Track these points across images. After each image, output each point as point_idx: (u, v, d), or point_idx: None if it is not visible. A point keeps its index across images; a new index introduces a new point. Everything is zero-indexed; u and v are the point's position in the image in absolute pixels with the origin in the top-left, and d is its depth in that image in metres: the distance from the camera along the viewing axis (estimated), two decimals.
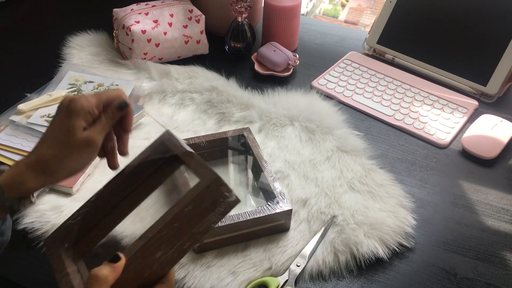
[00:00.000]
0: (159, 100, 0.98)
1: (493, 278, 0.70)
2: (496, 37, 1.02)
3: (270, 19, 1.11)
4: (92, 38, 1.14)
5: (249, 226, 0.71)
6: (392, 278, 0.70)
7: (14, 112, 0.87)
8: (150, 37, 1.03)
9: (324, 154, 0.87)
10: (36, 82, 0.97)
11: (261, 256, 0.71)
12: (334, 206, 0.78)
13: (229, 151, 0.85)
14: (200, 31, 1.10)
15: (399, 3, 1.11)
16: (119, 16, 1.05)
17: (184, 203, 0.51)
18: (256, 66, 1.08)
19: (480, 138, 0.91)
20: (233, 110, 0.95)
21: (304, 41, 1.21)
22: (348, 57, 1.14)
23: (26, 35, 1.19)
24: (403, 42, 1.11)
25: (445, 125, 0.96)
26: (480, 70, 1.03)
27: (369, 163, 0.86)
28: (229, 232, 0.70)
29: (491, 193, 0.84)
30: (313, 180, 0.82)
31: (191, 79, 1.02)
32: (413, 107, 1.00)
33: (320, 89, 1.04)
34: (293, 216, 0.76)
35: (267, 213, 0.70)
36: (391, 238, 0.73)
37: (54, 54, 1.09)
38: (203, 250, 0.71)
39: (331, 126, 0.92)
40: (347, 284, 0.70)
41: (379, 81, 1.06)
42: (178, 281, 0.68)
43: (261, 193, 0.79)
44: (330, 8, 4.40)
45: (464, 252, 0.74)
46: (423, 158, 0.90)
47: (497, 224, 0.78)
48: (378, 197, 0.80)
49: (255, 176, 0.81)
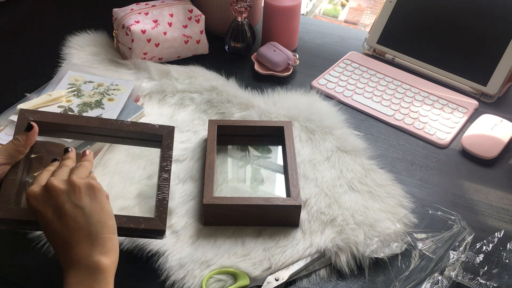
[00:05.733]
0: (159, 100, 0.98)
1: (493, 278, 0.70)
2: (496, 37, 1.01)
3: (270, 19, 1.11)
4: (92, 38, 1.14)
5: (261, 210, 0.74)
6: (392, 278, 0.70)
7: (14, 112, 0.87)
8: (150, 37, 1.03)
9: (324, 154, 0.87)
10: (36, 82, 0.97)
11: (261, 256, 0.71)
12: (334, 206, 0.78)
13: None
14: (200, 31, 1.10)
15: (399, 3, 1.11)
16: (119, 16, 1.05)
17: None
18: (256, 66, 1.08)
19: (480, 138, 0.91)
20: (233, 110, 0.95)
21: (304, 41, 1.21)
22: (348, 57, 1.14)
23: (26, 35, 1.19)
24: (403, 42, 1.11)
25: (445, 125, 0.96)
26: (480, 70, 1.03)
27: (369, 163, 0.86)
28: (240, 210, 0.73)
29: (491, 193, 0.84)
30: (313, 180, 0.82)
31: (191, 79, 1.02)
32: (413, 107, 1.00)
33: (320, 89, 1.04)
34: None
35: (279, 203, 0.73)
36: (391, 238, 0.73)
37: (54, 54, 1.09)
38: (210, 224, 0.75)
39: (331, 126, 0.92)
40: (347, 284, 0.70)
41: (379, 81, 1.06)
42: (178, 281, 0.68)
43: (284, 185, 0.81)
44: (330, 8, 4.40)
45: None
46: (423, 158, 0.90)
47: (497, 224, 0.78)
48: (378, 197, 0.80)
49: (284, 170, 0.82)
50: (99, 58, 1.08)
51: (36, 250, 0.71)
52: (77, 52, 1.09)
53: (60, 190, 0.56)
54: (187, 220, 0.76)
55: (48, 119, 0.69)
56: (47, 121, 0.68)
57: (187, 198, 0.79)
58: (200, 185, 0.81)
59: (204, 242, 0.73)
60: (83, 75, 0.97)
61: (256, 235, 0.74)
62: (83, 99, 0.90)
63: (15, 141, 0.63)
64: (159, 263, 0.70)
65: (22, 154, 0.63)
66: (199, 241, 0.73)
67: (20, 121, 0.66)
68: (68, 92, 0.92)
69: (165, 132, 0.74)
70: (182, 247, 0.72)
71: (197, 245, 0.73)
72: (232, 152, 0.88)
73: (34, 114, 0.68)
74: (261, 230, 0.75)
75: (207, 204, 0.73)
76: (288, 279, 0.69)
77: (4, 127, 0.84)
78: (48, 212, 0.55)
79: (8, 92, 0.98)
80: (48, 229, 0.56)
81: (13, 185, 0.62)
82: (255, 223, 0.75)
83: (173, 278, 0.68)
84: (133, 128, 0.72)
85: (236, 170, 0.84)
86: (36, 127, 0.64)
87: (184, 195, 0.80)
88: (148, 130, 0.73)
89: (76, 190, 0.56)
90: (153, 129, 0.73)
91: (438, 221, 0.75)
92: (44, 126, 0.68)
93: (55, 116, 0.70)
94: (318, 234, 0.74)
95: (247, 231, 0.75)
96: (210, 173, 0.77)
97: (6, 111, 0.88)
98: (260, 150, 0.88)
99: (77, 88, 0.93)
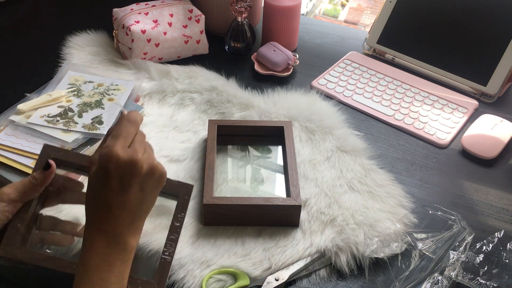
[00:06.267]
0: (159, 100, 0.98)
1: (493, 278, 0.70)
2: (496, 37, 1.01)
3: (270, 19, 1.11)
4: (92, 38, 1.14)
5: (262, 210, 0.73)
6: (393, 278, 0.70)
7: (13, 112, 0.87)
8: (150, 37, 1.03)
9: (324, 154, 0.87)
10: (36, 82, 0.97)
11: (261, 256, 0.71)
12: (334, 206, 0.78)
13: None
14: (200, 31, 1.10)
15: (399, 3, 1.11)
16: (119, 16, 1.05)
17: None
18: (256, 66, 1.08)
19: (480, 138, 0.91)
20: (233, 110, 0.95)
21: (304, 41, 1.21)
22: (348, 57, 1.14)
23: (26, 35, 1.19)
24: (403, 42, 1.11)
25: (445, 125, 0.96)
26: (480, 70, 1.03)
27: (369, 163, 0.86)
28: (241, 210, 0.73)
29: (491, 193, 0.84)
30: (312, 180, 0.82)
31: (191, 79, 1.02)
32: (413, 107, 1.00)
33: (320, 89, 1.04)
34: None
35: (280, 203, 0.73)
36: (391, 238, 0.73)
37: (54, 54, 1.09)
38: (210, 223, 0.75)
39: (331, 126, 0.92)
40: (347, 284, 0.70)
41: (379, 81, 1.06)
42: (178, 281, 0.68)
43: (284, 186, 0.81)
44: (330, 8, 4.40)
45: None
46: (423, 158, 0.90)
47: (497, 224, 0.78)
48: (378, 197, 0.80)
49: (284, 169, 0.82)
50: (99, 58, 1.08)
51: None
52: (77, 52, 1.09)
53: (141, 171, 0.54)
54: (187, 220, 0.76)
55: (70, 159, 0.65)
56: (68, 160, 0.65)
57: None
58: (200, 185, 0.81)
59: (204, 242, 0.73)
60: (83, 75, 0.97)
61: (256, 235, 0.74)
62: (83, 99, 0.90)
63: (32, 180, 0.60)
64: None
65: (37, 192, 0.61)
66: (199, 241, 0.73)
67: (42, 157, 0.63)
68: (68, 92, 0.92)
69: (183, 191, 0.66)
70: (182, 247, 0.72)
71: (197, 245, 0.73)
72: (232, 152, 0.88)
73: (57, 152, 0.65)
74: (261, 230, 0.75)
75: (207, 204, 0.73)
76: (288, 279, 0.69)
77: (4, 127, 0.84)
78: (116, 180, 0.53)
79: (8, 92, 0.98)
80: (100, 192, 0.53)
81: (23, 222, 0.60)
82: (255, 223, 0.75)
83: (173, 278, 0.68)
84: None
85: (236, 170, 0.84)
86: (54, 167, 0.61)
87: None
88: (166, 186, 0.64)
89: (152, 177, 0.55)
90: (171, 185, 0.66)
91: (438, 221, 0.75)
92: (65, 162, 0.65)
93: (78, 157, 0.66)
94: (318, 234, 0.74)
95: (247, 231, 0.75)
96: (210, 173, 0.77)
97: (6, 111, 0.88)
98: (260, 150, 0.88)
99: (77, 88, 0.93)
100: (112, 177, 0.53)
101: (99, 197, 0.54)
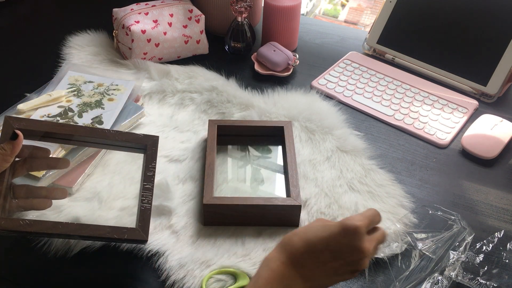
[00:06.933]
0: (159, 100, 0.98)
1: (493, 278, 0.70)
2: (496, 37, 1.01)
3: (270, 19, 1.11)
4: (92, 38, 1.14)
5: (261, 210, 0.74)
6: (393, 278, 0.70)
7: (14, 112, 0.87)
8: (150, 37, 1.03)
9: (324, 154, 0.87)
10: (36, 82, 0.97)
11: (261, 256, 0.71)
12: (334, 206, 0.78)
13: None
14: (200, 31, 1.10)
15: (399, 3, 1.11)
16: (119, 16, 1.05)
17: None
18: (256, 66, 1.08)
19: (480, 138, 0.91)
20: (233, 110, 0.95)
21: (304, 41, 1.21)
22: (348, 57, 1.14)
23: (26, 35, 1.19)
24: (403, 42, 1.11)
25: (445, 125, 0.96)
26: (480, 70, 1.03)
27: (369, 163, 0.86)
28: (241, 210, 0.73)
29: (491, 193, 0.84)
30: (313, 180, 0.82)
31: (191, 79, 1.02)
32: (413, 107, 1.00)
33: (320, 89, 1.04)
34: None
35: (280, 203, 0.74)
36: (391, 238, 0.73)
37: (54, 54, 1.09)
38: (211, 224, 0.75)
39: (331, 126, 0.92)
40: (347, 284, 0.70)
41: (379, 81, 1.06)
42: (178, 281, 0.68)
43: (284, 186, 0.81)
44: (330, 8, 4.40)
45: None
46: (423, 158, 0.90)
47: (497, 224, 0.78)
48: (378, 197, 0.80)
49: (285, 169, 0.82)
50: (99, 58, 1.08)
51: (36, 250, 0.71)
52: (77, 52, 1.09)
53: (366, 253, 0.54)
54: (187, 220, 0.76)
55: (34, 127, 0.67)
56: (32, 129, 0.67)
57: (187, 198, 0.79)
58: (200, 185, 0.81)
59: (204, 242, 0.73)
60: (83, 75, 0.97)
61: (256, 235, 0.74)
62: (83, 99, 0.90)
63: (1, 150, 0.62)
64: (159, 263, 0.70)
65: (8, 163, 0.63)
66: (199, 241, 0.73)
67: (5, 128, 0.65)
68: (68, 92, 0.92)
69: (149, 142, 0.73)
70: (182, 247, 0.72)
71: (197, 245, 0.73)
72: (232, 152, 0.88)
73: (20, 122, 0.66)
74: (261, 230, 0.75)
75: (207, 204, 0.73)
76: None
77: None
78: (342, 255, 0.53)
79: (8, 92, 0.98)
80: (315, 261, 0.53)
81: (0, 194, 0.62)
82: (255, 223, 0.75)
83: (173, 278, 0.68)
84: (118, 137, 0.72)
85: (236, 170, 0.84)
86: (21, 136, 0.64)
87: (184, 195, 0.80)
88: (133, 140, 0.72)
89: (360, 262, 0.54)
90: (137, 139, 0.72)
91: (438, 221, 0.75)
92: (29, 131, 0.67)
93: (41, 124, 0.68)
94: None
95: (247, 231, 0.75)
96: (210, 173, 0.77)
97: (6, 111, 0.88)
98: (260, 150, 0.88)
99: (77, 88, 0.93)
100: (341, 247, 0.53)
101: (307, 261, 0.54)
